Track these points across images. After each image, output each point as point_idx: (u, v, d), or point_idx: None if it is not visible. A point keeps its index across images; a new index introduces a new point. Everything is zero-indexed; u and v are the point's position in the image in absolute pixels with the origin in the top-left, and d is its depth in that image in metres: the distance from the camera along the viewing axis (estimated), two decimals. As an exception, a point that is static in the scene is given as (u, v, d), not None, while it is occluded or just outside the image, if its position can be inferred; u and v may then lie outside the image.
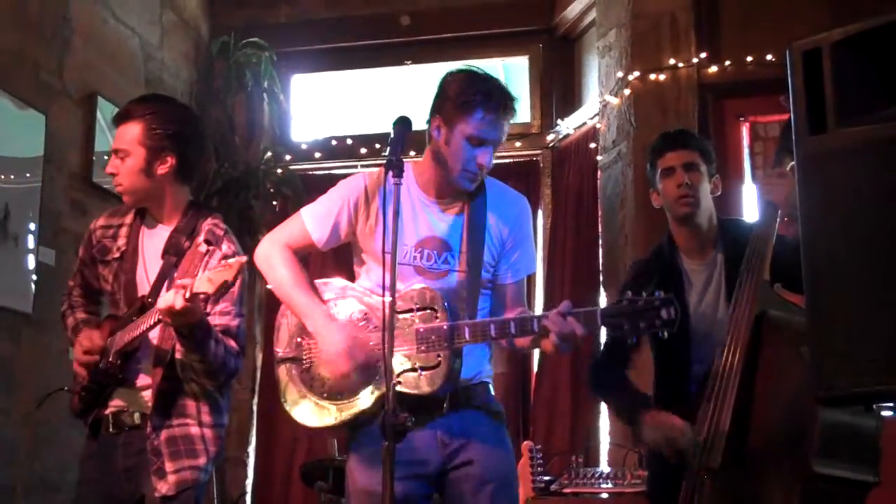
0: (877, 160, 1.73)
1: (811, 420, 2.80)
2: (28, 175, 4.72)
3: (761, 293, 3.06)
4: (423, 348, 2.66)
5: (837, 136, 1.79)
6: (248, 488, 6.10)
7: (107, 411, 3.08)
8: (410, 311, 2.70)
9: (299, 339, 2.91)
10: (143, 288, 3.08)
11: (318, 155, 6.32)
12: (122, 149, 3.08)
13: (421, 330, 2.67)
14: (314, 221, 2.94)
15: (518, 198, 3.03)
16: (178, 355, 2.97)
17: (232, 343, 3.01)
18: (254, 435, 6.17)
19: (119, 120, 3.14)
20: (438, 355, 2.66)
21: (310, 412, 2.88)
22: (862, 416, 2.89)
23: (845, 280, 1.75)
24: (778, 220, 3.15)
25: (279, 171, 6.20)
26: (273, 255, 2.93)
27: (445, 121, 2.83)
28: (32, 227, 4.73)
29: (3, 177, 4.61)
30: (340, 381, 2.79)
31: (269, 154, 6.23)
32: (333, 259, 5.75)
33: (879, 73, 1.78)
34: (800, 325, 2.93)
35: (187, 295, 2.72)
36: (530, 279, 3.59)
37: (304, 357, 2.90)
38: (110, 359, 3.03)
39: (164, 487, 2.93)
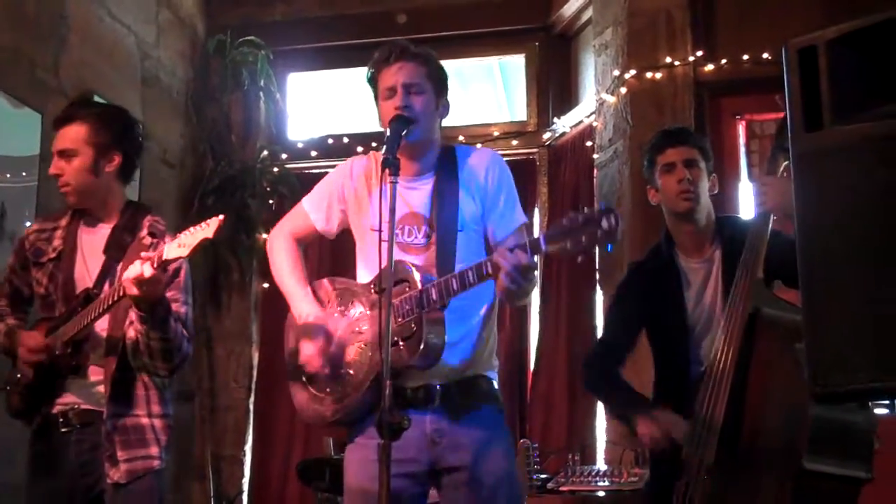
0: (872, 157, 1.73)
1: (802, 417, 2.81)
2: (24, 174, 4.72)
3: (755, 291, 3.07)
4: (399, 320, 2.65)
5: (833, 134, 1.79)
6: (245, 487, 6.09)
7: (55, 409, 3.11)
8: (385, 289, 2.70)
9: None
10: (83, 285, 3.12)
11: (314, 153, 6.33)
12: (69, 149, 3.14)
13: (396, 303, 2.66)
14: (311, 206, 3.04)
15: (486, 153, 3.03)
16: (132, 337, 3.02)
17: (182, 329, 3.09)
18: (250, 434, 6.17)
19: (61, 122, 3.18)
20: (413, 324, 2.65)
21: (312, 409, 2.89)
22: (854, 412, 2.90)
23: (841, 277, 1.76)
24: (773, 217, 3.16)
25: (275, 169, 6.21)
26: (276, 244, 3.05)
27: (377, 105, 2.96)
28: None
29: (-1, 175, 4.61)
30: (317, 354, 2.81)
31: (265, 153, 6.24)
32: (331, 259, 5.78)
33: (875, 71, 1.79)
34: (792, 323, 2.94)
35: (156, 264, 2.79)
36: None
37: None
38: (57, 351, 3.06)
39: (115, 475, 3.00)
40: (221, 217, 2.77)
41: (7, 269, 3.35)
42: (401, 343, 2.65)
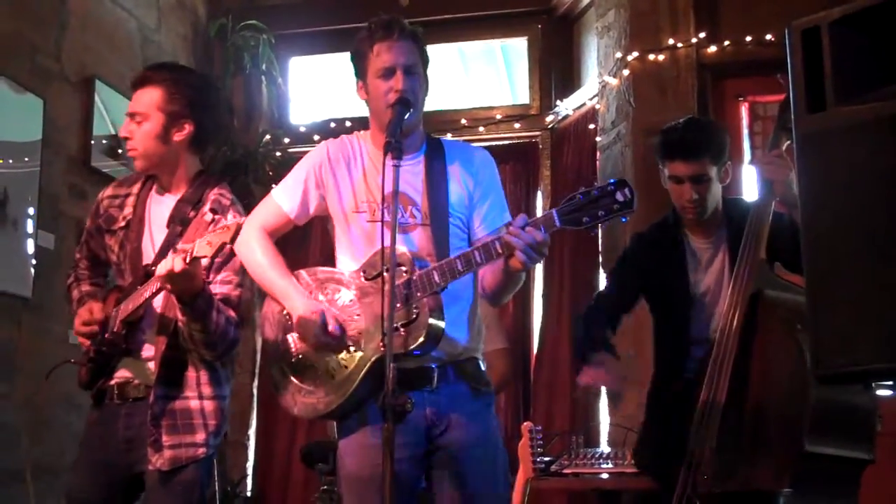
0: (876, 138, 1.72)
1: (803, 399, 2.81)
2: (27, 159, 4.71)
3: (758, 272, 3.07)
4: (399, 306, 2.59)
5: (836, 115, 1.79)
6: (249, 471, 6.12)
7: (112, 381, 3.07)
8: (381, 273, 2.64)
9: (283, 335, 2.88)
10: (149, 257, 3.06)
11: (316, 137, 6.29)
12: (140, 112, 3.07)
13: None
14: (284, 195, 2.94)
15: (478, 150, 3.01)
16: (180, 324, 2.96)
17: (231, 313, 3.00)
18: (254, 418, 6.18)
19: (138, 84, 3.11)
20: (415, 308, 2.61)
21: (302, 402, 2.83)
22: (855, 394, 2.91)
23: (844, 258, 1.75)
24: (775, 199, 3.15)
25: (278, 153, 6.20)
26: (250, 241, 2.90)
27: (360, 76, 2.89)
28: (31, 211, 4.72)
29: (1, 161, 4.60)
30: (318, 346, 2.75)
31: (267, 137, 6.22)
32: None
33: (878, 51, 1.78)
34: (795, 304, 2.95)
35: (188, 259, 2.71)
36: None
37: (292, 350, 2.86)
38: (115, 329, 3.02)
39: (158, 461, 2.95)
40: (241, 220, 2.74)
41: (85, 232, 3.32)
42: (401, 329, 2.61)
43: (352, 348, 2.74)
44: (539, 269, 5.80)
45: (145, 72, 3.16)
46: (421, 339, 2.61)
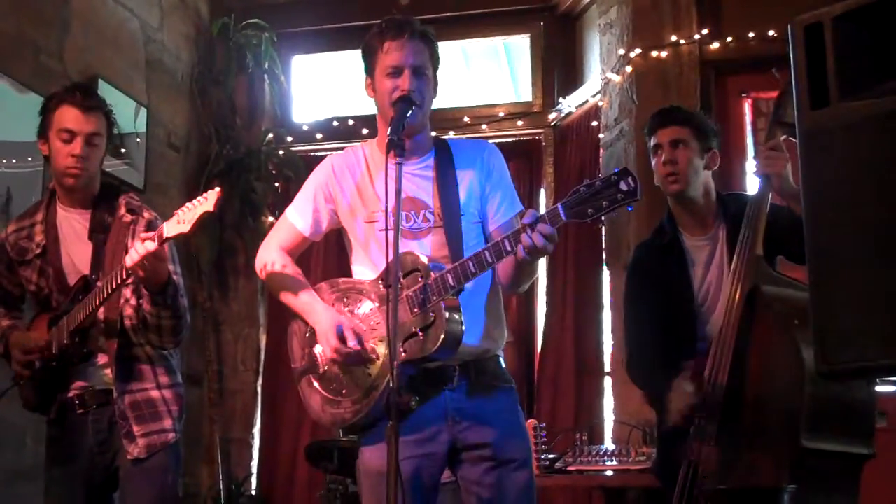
0: (880, 133, 1.72)
1: (800, 395, 2.80)
2: (30, 159, 4.72)
3: (753, 268, 3.06)
4: (416, 311, 2.61)
5: (840, 110, 1.78)
6: (254, 469, 6.12)
7: (70, 393, 3.17)
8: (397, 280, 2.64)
9: (310, 349, 2.88)
10: (73, 273, 3.16)
11: (319, 136, 6.33)
12: (101, 133, 3.19)
13: (410, 294, 2.64)
14: (297, 214, 2.97)
15: (481, 143, 3.01)
16: (127, 322, 3.09)
17: (185, 301, 3.16)
18: (258, 417, 6.19)
19: (93, 107, 3.19)
20: (432, 312, 2.61)
21: (329, 413, 2.84)
22: (853, 389, 2.89)
23: (849, 254, 1.75)
24: (772, 192, 3.15)
25: (281, 152, 6.22)
26: (269, 262, 2.96)
27: (369, 73, 2.88)
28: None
29: (4, 161, 4.61)
30: (337, 360, 2.76)
31: (270, 135, 6.24)
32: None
33: (882, 47, 1.77)
34: (791, 300, 2.95)
35: (157, 239, 2.82)
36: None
37: (318, 363, 2.86)
38: (65, 340, 3.09)
39: (135, 450, 3.08)
40: (218, 190, 2.79)
41: None
42: (420, 334, 2.61)
43: (374, 357, 2.74)
44: (543, 264, 5.79)
45: (95, 95, 3.27)
46: (439, 343, 2.60)
